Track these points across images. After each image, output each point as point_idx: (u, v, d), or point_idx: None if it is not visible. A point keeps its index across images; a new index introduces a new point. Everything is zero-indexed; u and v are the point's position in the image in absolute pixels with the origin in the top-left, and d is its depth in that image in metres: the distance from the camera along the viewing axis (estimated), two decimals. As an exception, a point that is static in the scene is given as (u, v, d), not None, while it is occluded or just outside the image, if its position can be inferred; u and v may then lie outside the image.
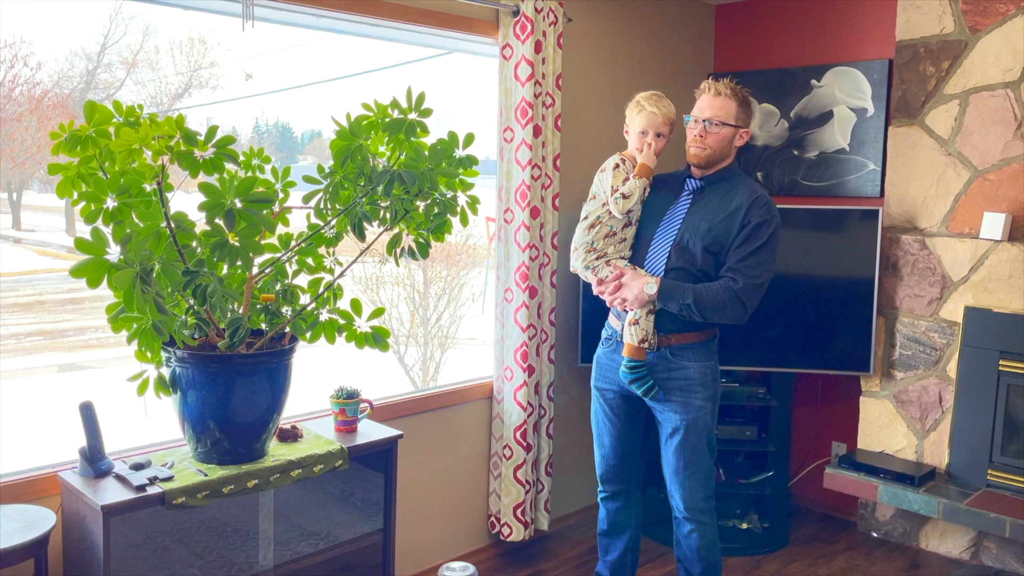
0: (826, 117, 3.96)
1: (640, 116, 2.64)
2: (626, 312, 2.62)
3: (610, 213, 2.66)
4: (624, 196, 2.61)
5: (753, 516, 3.77)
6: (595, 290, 2.68)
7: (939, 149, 3.48)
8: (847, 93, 3.88)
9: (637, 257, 2.67)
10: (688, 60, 4.23)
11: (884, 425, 3.68)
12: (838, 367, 3.66)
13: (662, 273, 2.59)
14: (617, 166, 2.67)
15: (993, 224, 3.29)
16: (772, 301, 3.61)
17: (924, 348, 3.55)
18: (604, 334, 2.80)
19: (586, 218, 2.71)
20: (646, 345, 2.59)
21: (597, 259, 2.66)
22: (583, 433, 3.79)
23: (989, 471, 3.33)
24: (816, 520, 3.99)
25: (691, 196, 2.66)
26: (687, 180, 2.69)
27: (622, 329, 2.65)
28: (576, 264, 2.73)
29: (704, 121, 2.58)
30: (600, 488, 2.89)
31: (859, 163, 3.87)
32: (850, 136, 3.89)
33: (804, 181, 4.05)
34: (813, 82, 3.99)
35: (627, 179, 2.63)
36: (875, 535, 3.80)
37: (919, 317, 3.56)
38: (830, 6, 3.95)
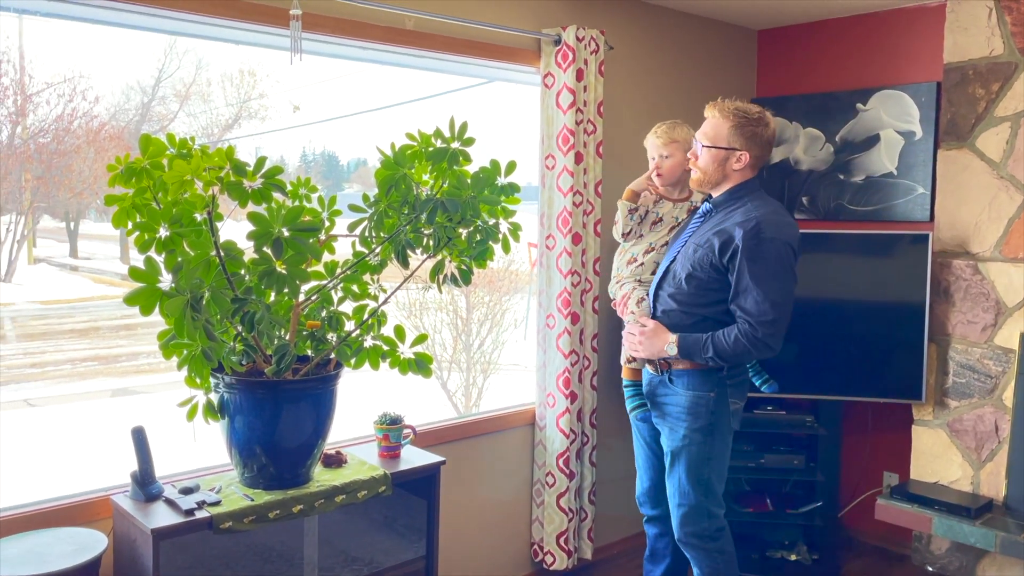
0: (872, 141, 3.90)
1: (646, 143, 2.82)
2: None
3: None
4: (615, 222, 2.80)
5: (802, 547, 3.68)
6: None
7: (991, 172, 3.41)
8: (894, 116, 3.83)
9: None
10: (730, 86, 4.22)
11: (938, 455, 3.58)
12: (889, 395, 3.57)
13: (652, 293, 2.66)
14: None
15: (1049, 248, 3.20)
16: (820, 327, 3.56)
17: (979, 376, 3.45)
18: None
19: None
20: (634, 364, 2.71)
21: (615, 282, 2.85)
22: (626, 461, 3.75)
23: (1050, 504, 3.21)
24: (868, 552, 3.88)
25: (701, 219, 2.64)
26: (704, 203, 2.68)
27: None
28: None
29: (696, 143, 2.61)
30: (640, 510, 2.94)
31: (908, 187, 3.80)
32: (898, 160, 3.83)
33: (851, 206, 3.99)
34: (859, 106, 3.94)
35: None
36: (930, 569, 3.68)
37: (973, 344, 3.47)
38: (874, 29, 3.91)
